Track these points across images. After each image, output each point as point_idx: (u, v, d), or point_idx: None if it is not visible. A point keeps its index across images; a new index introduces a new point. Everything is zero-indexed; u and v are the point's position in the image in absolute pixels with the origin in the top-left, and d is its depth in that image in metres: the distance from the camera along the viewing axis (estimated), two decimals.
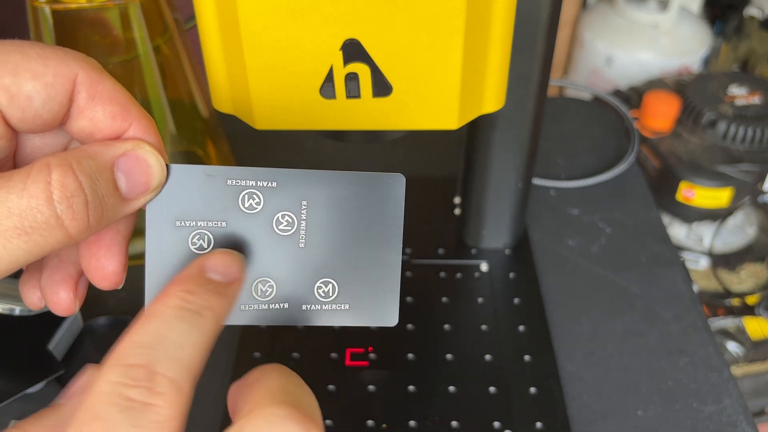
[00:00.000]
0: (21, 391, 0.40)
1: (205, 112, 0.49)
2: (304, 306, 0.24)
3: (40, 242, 0.19)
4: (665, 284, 0.49)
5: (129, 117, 0.22)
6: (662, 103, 0.88)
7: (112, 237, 0.22)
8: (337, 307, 0.24)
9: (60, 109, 0.21)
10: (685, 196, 0.88)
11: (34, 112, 0.20)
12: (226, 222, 0.23)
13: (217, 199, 0.23)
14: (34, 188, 0.18)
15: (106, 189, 0.20)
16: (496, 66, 0.35)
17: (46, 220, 0.18)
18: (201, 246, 0.23)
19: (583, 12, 1.18)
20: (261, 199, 0.23)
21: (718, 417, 0.40)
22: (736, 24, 1.16)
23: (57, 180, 0.19)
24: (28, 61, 0.20)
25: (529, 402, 0.40)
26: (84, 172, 0.19)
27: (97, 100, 0.21)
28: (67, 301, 0.23)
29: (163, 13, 0.44)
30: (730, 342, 0.88)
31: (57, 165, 0.19)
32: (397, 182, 0.24)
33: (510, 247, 0.51)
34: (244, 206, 0.23)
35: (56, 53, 0.20)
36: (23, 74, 0.20)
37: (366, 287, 0.25)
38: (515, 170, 0.46)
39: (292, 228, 0.24)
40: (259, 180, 0.23)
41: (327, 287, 0.24)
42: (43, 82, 0.20)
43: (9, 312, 0.42)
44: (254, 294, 0.24)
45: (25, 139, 0.22)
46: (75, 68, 0.20)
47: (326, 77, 0.32)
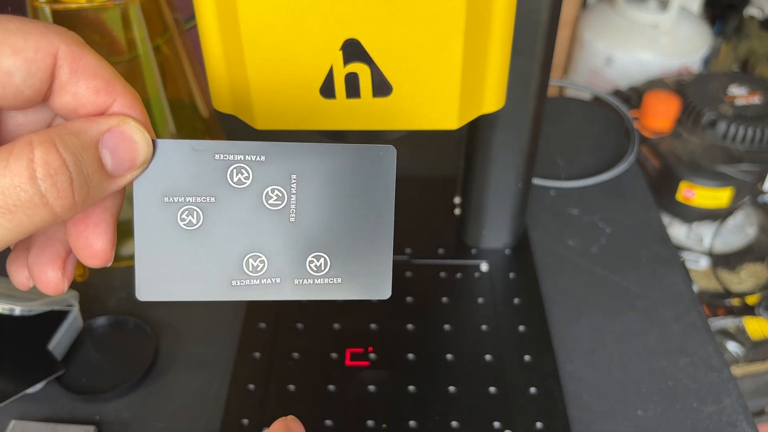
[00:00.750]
0: (21, 391, 0.40)
1: (205, 112, 0.49)
2: (296, 280, 0.24)
3: (25, 221, 0.18)
4: (665, 284, 0.49)
5: (113, 92, 0.21)
6: (662, 103, 0.88)
7: (100, 214, 0.22)
8: (329, 281, 0.24)
9: (41, 84, 0.20)
10: (685, 196, 0.88)
11: (14, 88, 0.20)
12: (215, 197, 0.23)
13: (205, 174, 0.23)
14: (17, 166, 0.18)
15: (91, 166, 0.20)
16: (496, 66, 0.35)
17: (30, 198, 0.18)
18: (190, 222, 0.23)
19: (583, 12, 1.18)
20: (250, 174, 0.23)
21: (718, 417, 0.40)
22: (736, 24, 1.16)
23: (40, 157, 0.18)
24: (7, 36, 0.19)
25: (529, 402, 0.40)
26: (68, 149, 0.19)
27: (80, 74, 0.20)
28: (55, 280, 0.22)
29: (163, 13, 0.44)
30: (730, 342, 0.88)
31: (40, 142, 0.18)
32: (388, 154, 0.24)
33: (510, 247, 0.51)
34: (232, 181, 0.23)
35: (37, 27, 0.20)
36: (2, 50, 0.19)
37: (358, 260, 0.24)
38: (515, 170, 0.46)
39: (282, 202, 0.23)
40: (247, 154, 0.23)
41: (319, 261, 0.24)
42: (23, 58, 0.19)
43: (9, 312, 0.42)
44: (246, 269, 0.24)
45: (8, 116, 0.22)
46: (56, 42, 0.20)
47: (326, 77, 0.32)
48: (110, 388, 0.42)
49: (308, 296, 0.24)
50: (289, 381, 0.41)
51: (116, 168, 0.21)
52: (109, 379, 0.42)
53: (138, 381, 0.42)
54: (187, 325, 0.46)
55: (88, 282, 0.48)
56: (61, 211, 0.19)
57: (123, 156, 0.21)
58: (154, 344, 0.44)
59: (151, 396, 0.42)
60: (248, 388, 0.41)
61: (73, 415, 0.41)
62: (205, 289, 0.24)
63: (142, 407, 0.41)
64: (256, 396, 0.41)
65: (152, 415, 0.41)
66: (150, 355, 0.44)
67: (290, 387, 0.41)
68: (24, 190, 0.18)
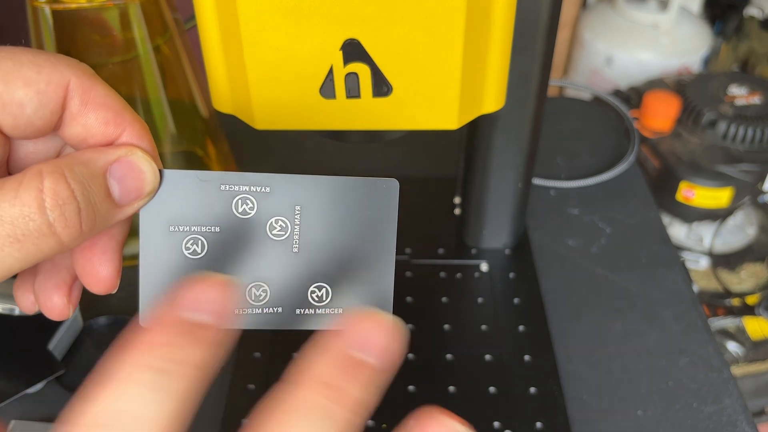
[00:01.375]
0: (21, 391, 0.40)
1: (205, 112, 0.49)
2: (297, 310, 0.24)
3: (33, 250, 0.18)
4: (665, 284, 0.49)
5: (122, 122, 0.21)
6: (662, 103, 0.88)
7: (107, 242, 0.22)
8: (330, 311, 0.24)
9: (52, 116, 0.21)
10: (685, 196, 0.88)
11: (26, 119, 0.20)
12: (219, 227, 0.23)
13: (211, 204, 0.23)
14: (27, 196, 0.18)
15: (99, 195, 0.20)
16: (496, 66, 0.35)
17: (38, 227, 0.18)
18: (195, 251, 0.24)
19: (583, 12, 1.18)
20: (254, 204, 0.23)
21: (718, 417, 0.40)
22: (736, 24, 1.16)
23: (49, 187, 0.19)
24: (20, 68, 0.20)
25: (529, 402, 0.40)
26: (76, 179, 0.19)
27: (90, 106, 0.21)
28: (60, 306, 0.23)
29: (163, 13, 0.44)
30: (730, 342, 0.88)
31: (49, 172, 0.19)
32: (391, 187, 0.24)
33: (510, 247, 0.51)
34: (237, 211, 0.23)
35: (48, 59, 0.20)
36: (15, 82, 0.19)
37: (359, 292, 0.25)
38: (515, 170, 0.46)
39: (285, 233, 0.24)
40: (252, 185, 0.23)
41: (321, 291, 0.24)
42: (35, 90, 0.20)
43: (9, 312, 0.42)
44: (248, 298, 0.24)
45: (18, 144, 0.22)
46: (67, 75, 0.20)
47: (326, 77, 0.32)
48: None
49: (309, 326, 0.24)
50: None
51: (123, 197, 0.21)
52: None
53: None
54: None
55: None
56: (69, 240, 0.19)
57: (130, 186, 0.21)
58: None
59: None
60: (248, 388, 0.41)
61: None
62: None
63: None
64: (256, 396, 0.41)
65: None
66: None
67: None
68: (33, 219, 0.18)
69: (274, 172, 0.23)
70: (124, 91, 0.44)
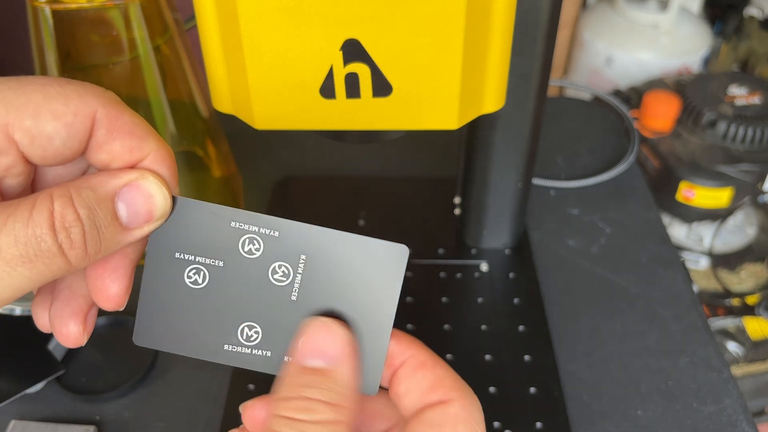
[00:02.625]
0: (21, 391, 0.40)
1: (205, 112, 0.49)
2: (287, 357, 0.24)
3: (43, 270, 0.19)
4: (665, 284, 0.49)
5: (145, 149, 0.22)
6: (662, 103, 0.88)
7: (119, 260, 0.23)
8: None
9: (80, 145, 0.21)
10: (685, 196, 0.88)
11: (54, 150, 0.20)
12: (223, 262, 0.24)
13: (219, 238, 0.23)
14: (39, 217, 0.19)
15: (105, 219, 0.20)
16: (496, 66, 0.35)
17: (49, 248, 0.19)
18: (195, 281, 0.24)
19: (583, 12, 1.18)
20: (261, 246, 0.23)
21: (718, 417, 0.40)
22: (736, 24, 1.16)
23: (57, 210, 0.19)
24: (49, 101, 0.20)
25: (528, 402, 0.40)
26: (82, 203, 0.20)
27: (116, 134, 0.21)
28: (75, 333, 0.23)
29: (163, 13, 0.44)
30: (730, 342, 0.88)
31: (58, 196, 0.20)
32: (400, 254, 0.23)
33: (510, 247, 0.51)
34: (243, 250, 0.24)
35: (77, 91, 0.20)
36: (44, 115, 0.20)
37: None
38: (515, 170, 0.46)
39: (287, 279, 0.24)
40: (262, 227, 0.23)
41: None
42: (63, 122, 0.20)
43: (9, 312, 0.42)
44: (240, 337, 0.24)
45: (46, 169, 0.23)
46: (94, 105, 0.21)
47: (326, 77, 0.32)
48: (110, 388, 0.42)
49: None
50: None
51: (131, 221, 0.21)
52: (109, 379, 0.42)
53: (138, 381, 0.42)
54: None
55: None
56: (75, 262, 0.20)
57: (140, 209, 0.22)
58: None
59: (151, 396, 0.42)
60: (248, 388, 0.41)
61: (73, 415, 0.41)
62: (198, 347, 0.24)
63: (142, 407, 0.41)
64: (256, 396, 0.41)
65: (152, 415, 0.41)
66: (150, 355, 0.44)
67: None
68: (44, 240, 0.19)
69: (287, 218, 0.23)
70: (124, 91, 0.44)
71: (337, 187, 0.58)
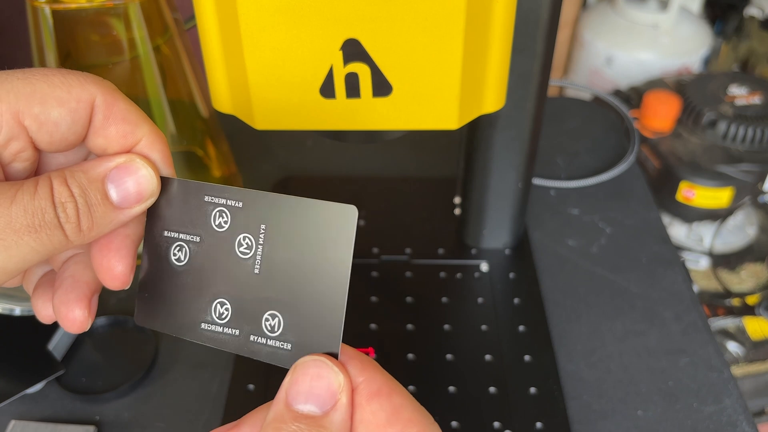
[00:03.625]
0: (21, 391, 0.40)
1: (205, 111, 0.49)
2: (252, 336, 0.23)
3: (45, 241, 0.21)
4: (665, 284, 0.49)
5: (138, 134, 0.23)
6: (662, 103, 0.88)
7: (122, 240, 0.24)
8: (280, 345, 0.23)
9: (83, 130, 0.23)
10: (685, 196, 0.88)
11: (60, 135, 0.22)
12: (199, 237, 0.24)
13: (196, 213, 0.24)
14: (43, 191, 0.21)
15: (95, 198, 0.22)
16: (496, 66, 0.35)
17: (51, 220, 0.21)
18: (179, 258, 0.24)
19: (583, 12, 1.18)
20: (228, 218, 0.24)
21: (718, 417, 0.40)
22: (736, 24, 1.16)
23: (56, 188, 0.21)
24: (53, 90, 0.22)
25: (529, 402, 0.40)
26: (75, 183, 0.22)
27: (111, 120, 0.23)
28: (81, 318, 0.24)
29: (163, 13, 0.44)
30: (730, 342, 0.88)
31: (56, 176, 0.22)
32: (349, 214, 0.22)
33: (510, 247, 0.51)
34: (214, 223, 0.24)
35: (78, 79, 0.22)
36: (50, 102, 0.22)
37: (309, 328, 0.23)
38: (515, 170, 0.46)
39: (250, 251, 0.23)
40: (228, 198, 0.24)
41: (273, 321, 0.23)
42: (68, 108, 0.22)
43: (9, 312, 0.42)
44: (213, 315, 0.24)
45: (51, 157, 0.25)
46: (94, 92, 0.22)
47: (326, 77, 0.32)
48: (110, 388, 0.42)
49: (259, 357, 0.23)
50: None
51: (122, 200, 0.23)
52: (109, 380, 0.42)
53: (138, 381, 0.42)
54: None
55: None
56: (71, 236, 0.22)
57: (129, 190, 0.23)
58: (154, 344, 0.44)
59: (151, 396, 0.42)
60: (248, 388, 0.41)
61: (73, 415, 0.41)
62: (183, 327, 0.24)
63: (142, 407, 0.41)
64: (256, 396, 0.41)
65: (152, 415, 0.41)
66: (150, 355, 0.44)
67: None
68: (47, 212, 0.21)
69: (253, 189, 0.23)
70: (124, 91, 0.43)
71: (337, 187, 0.58)
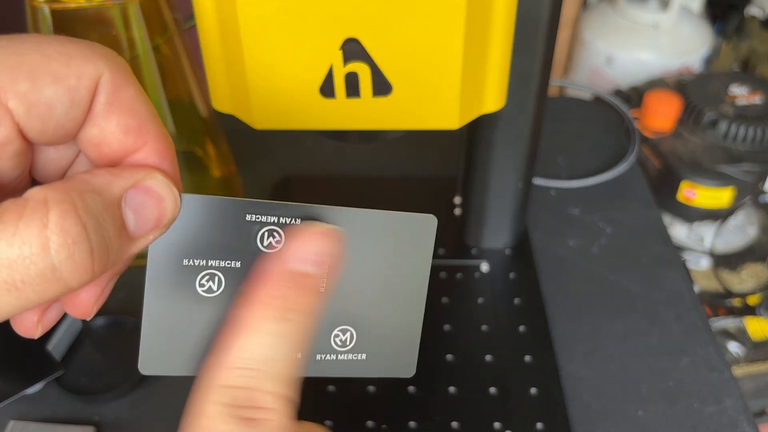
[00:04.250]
0: (20, 392, 0.40)
1: (205, 111, 0.49)
2: (318, 356, 0.22)
3: (33, 298, 0.15)
4: (666, 284, 0.49)
5: (144, 134, 0.19)
6: (663, 102, 0.88)
7: None
8: (353, 357, 0.22)
9: (82, 116, 0.18)
10: (685, 196, 0.88)
11: (55, 122, 0.17)
12: (240, 262, 0.21)
13: (234, 236, 0.20)
14: (28, 233, 0.15)
15: (113, 230, 0.17)
16: (497, 66, 0.34)
17: (41, 272, 0.15)
18: (210, 288, 0.21)
19: (584, 12, 1.17)
20: (282, 238, 0.21)
21: (718, 417, 0.40)
22: (736, 24, 1.16)
23: (56, 223, 0.15)
24: (47, 62, 0.16)
25: (529, 402, 0.40)
26: (88, 211, 0.16)
27: (115, 107, 0.18)
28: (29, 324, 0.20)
29: (162, 12, 0.43)
30: (731, 342, 0.88)
31: (56, 202, 0.15)
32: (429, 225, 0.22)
33: (510, 247, 0.51)
34: (263, 245, 0.21)
35: (80, 49, 0.17)
36: (42, 78, 0.16)
37: (385, 336, 0.22)
38: (515, 170, 0.46)
39: None
40: (281, 216, 0.21)
41: (345, 335, 0.22)
42: (65, 86, 0.17)
43: None
44: None
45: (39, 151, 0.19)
46: (101, 67, 0.17)
47: (326, 76, 0.32)
48: (109, 388, 0.42)
49: (328, 373, 0.22)
50: None
51: (139, 229, 0.18)
52: (109, 380, 0.42)
53: (137, 381, 0.42)
54: None
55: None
56: (77, 285, 0.16)
57: (148, 215, 0.18)
58: None
59: (151, 396, 0.42)
60: None
61: (72, 416, 0.41)
62: None
63: (142, 407, 0.41)
64: None
65: (152, 415, 0.41)
66: None
67: None
68: (34, 263, 0.15)
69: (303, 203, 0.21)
70: None
71: (337, 187, 0.58)
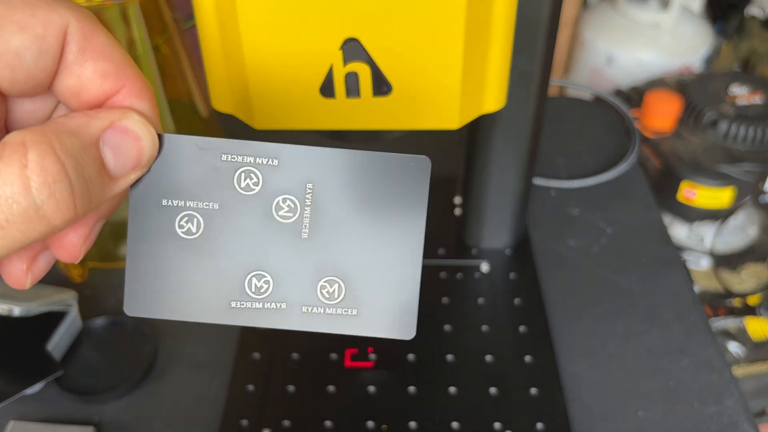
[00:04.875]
0: (20, 392, 0.40)
1: (205, 111, 0.49)
2: (304, 307, 0.21)
3: (18, 237, 0.16)
4: (666, 284, 0.49)
5: (122, 77, 0.19)
6: (663, 102, 0.88)
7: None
8: (342, 312, 0.21)
9: (54, 65, 0.18)
10: (686, 196, 0.88)
11: (25, 71, 0.18)
12: (218, 204, 0.20)
13: (210, 176, 0.20)
14: (8, 173, 0.15)
15: (93, 169, 0.17)
16: (497, 66, 0.34)
17: (24, 211, 0.16)
18: (189, 230, 0.20)
19: (584, 11, 1.17)
20: (260, 179, 0.20)
21: (719, 418, 0.40)
22: (737, 23, 1.16)
23: (35, 162, 0.16)
24: (12, 12, 0.17)
25: (529, 403, 0.40)
26: (67, 151, 0.16)
27: (88, 54, 0.18)
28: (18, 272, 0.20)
29: (162, 12, 0.43)
30: (731, 342, 0.88)
31: (34, 143, 0.16)
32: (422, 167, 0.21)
33: (510, 247, 0.51)
34: (240, 186, 0.20)
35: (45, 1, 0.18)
36: (8, 27, 0.17)
37: (379, 291, 0.21)
38: (516, 170, 0.46)
39: (294, 215, 0.21)
40: (258, 156, 0.20)
41: (332, 287, 0.21)
42: (32, 35, 0.17)
43: (8, 312, 0.42)
44: (248, 290, 0.21)
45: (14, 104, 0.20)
46: (66, 17, 0.18)
47: (326, 76, 0.32)
48: (109, 388, 0.41)
49: (317, 327, 0.21)
50: (289, 382, 0.41)
51: (119, 168, 0.18)
52: (108, 380, 0.42)
53: (137, 382, 0.42)
54: (187, 325, 0.46)
55: (86, 282, 0.48)
56: (61, 224, 0.17)
57: (127, 155, 0.19)
58: (153, 345, 0.44)
59: (151, 397, 0.42)
60: (247, 389, 0.41)
61: (72, 416, 0.41)
62: (201, 308, 0.21)
63: (142, 408, 0.41)
64: (256, 397, 0.41)
65: (151, 415, 0.41)
66: (149, 355, 0.43)
67: (290, 388, 0.41)
68: (17, 201, 0.16)
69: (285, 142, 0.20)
70: None
71: None
